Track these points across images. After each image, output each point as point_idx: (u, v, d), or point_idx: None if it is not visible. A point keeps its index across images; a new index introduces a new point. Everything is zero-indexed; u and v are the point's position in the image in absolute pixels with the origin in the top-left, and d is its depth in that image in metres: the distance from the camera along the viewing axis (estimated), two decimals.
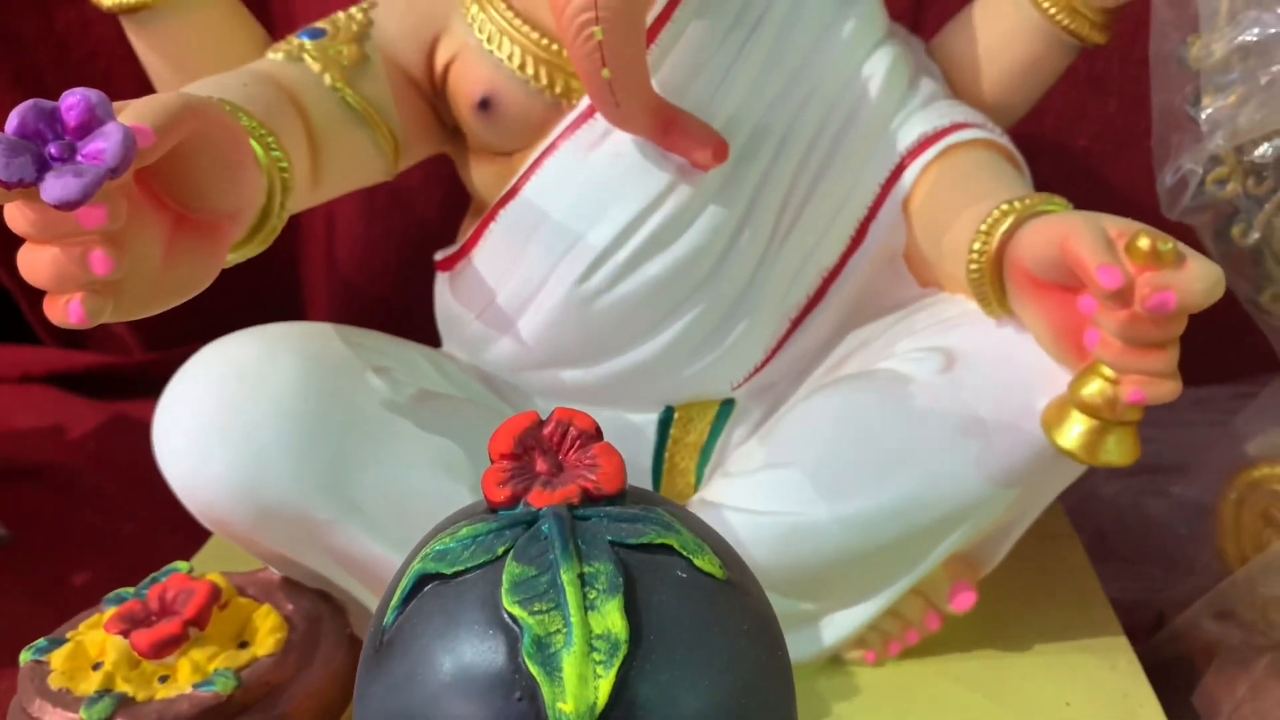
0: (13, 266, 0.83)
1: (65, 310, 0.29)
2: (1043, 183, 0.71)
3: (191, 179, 0.32)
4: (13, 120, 0.27)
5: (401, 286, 0.77)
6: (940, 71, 0.50)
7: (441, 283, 0.49)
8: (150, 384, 0.78)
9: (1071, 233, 0.35)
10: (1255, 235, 0.47)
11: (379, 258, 0.77)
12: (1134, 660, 0.46)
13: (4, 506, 0.66)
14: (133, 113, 0.29)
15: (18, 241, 0.81)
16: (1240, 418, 0.57)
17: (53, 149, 0.27)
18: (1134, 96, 0.67)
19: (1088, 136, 0.69)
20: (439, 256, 0.49)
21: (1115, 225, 0.36)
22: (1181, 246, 0.35)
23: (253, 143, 0.35)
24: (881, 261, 0.47)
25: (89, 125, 0.27)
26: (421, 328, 0.53)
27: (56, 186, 0.26)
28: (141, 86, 0.53)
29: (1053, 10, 0.47)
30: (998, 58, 0.48)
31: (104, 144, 0.27)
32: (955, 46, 0.50)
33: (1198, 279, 0.34)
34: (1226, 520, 0.52)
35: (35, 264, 0.29)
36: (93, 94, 0.28)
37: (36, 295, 0.87)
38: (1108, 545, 0.62)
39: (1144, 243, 0.35)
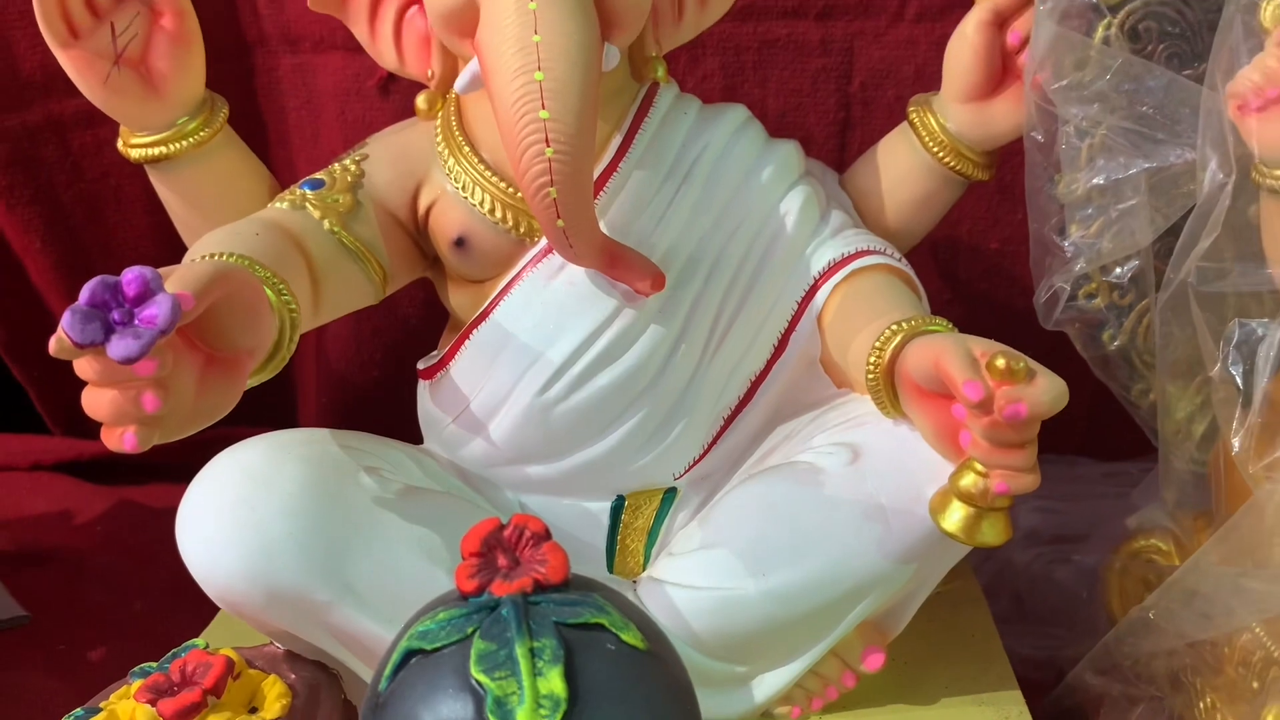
0: (25, 361, 0.89)
1: (120, 439, 0.36)
2: (962, 280, 0.80)
3: (219, 326, 0.39)
4: (84, 293, 0.35)
5: (386, 378, 0.84)
6: (851, 202, 0.58)
7: (423, 389, 0.56)
8: (154, 470, 0.85)
9: (944, 353, 0.43)
10: (1121, 340, 0.55)
11: (365, 352, 0.84)
12: (1025, 712, 0.52)
13: (21, 589, 0.71)
14: (177, 281, 0.36)
15: (32, 338, 0.88)
16: (1135, 491, 0.64)
17: (115, 315, 0.34)
18: None
19: (1000, 240, 0.77)
20: (421, 366, 0.56)
21: (979, 346, 0.43)
22: (1032, 364, 0.42)
23: (267, 290, 0.43)
24: (801, 366, 0.54)
25: (144, 295, 0.35)
26: (403, 415, 0.59)
27: (120, 347, 0.34)
28: (147, 196, 0.59)
29: (941, 154, 0.55)
30: (898, 192, 0.57)
31: (156, 311, 0.34)
32: (863, 181, 0.58)
33: (1044, 392, 0.41)
34: (1113, 586, 0.59)
35: (97, 403, 0.36)
36: (148, 271, 0.35)
37: (48, 388, 0.93)
38: (1022, 608, 0.70)
39: (1000, 362, 0.42)
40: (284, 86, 0.80)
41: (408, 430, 0.59)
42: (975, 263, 0.78)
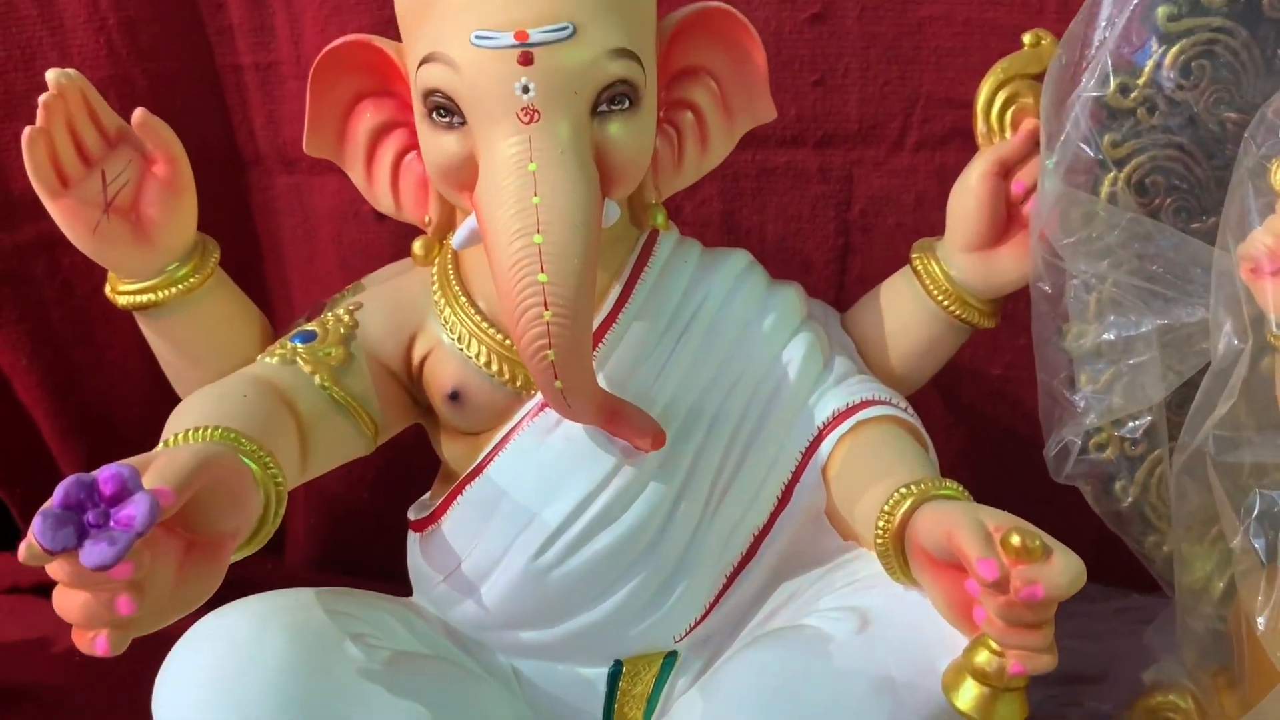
0: (6, 478, 0.86)
1: (92, 644, 0.34)
2: (965, 405, 0.79)
3: (201, 512, 0.37)
4: (58, 494, 0.33)
5: (376, 500, 0.82)
6: (854, 345, 0.57)
7: (413, 542, 0.54)
8: None
9: (957, 526, 0.41)
10: (1134, 493, 0.54)
11: (355, 473, 0.82)
12: None
13: None
14: (156, 475, 0.34)
15: (15, 457, 0.86)
16: (1149, 630, 0.62)
17: (90, 517, 0.33)
18: None
19: (1002, 366, 0.76)
20: (412, 516, 0.54)
21: (993, 520, 0.42)
22: (1048, 540, 0.41)
23: (253, 465, 0.41)
24: (806, 519, 0.53)
25: (121, 494, 0.33)
26: (392, 542, 0.57)
27: (94, 554, 0.32)
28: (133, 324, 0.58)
29: (945, 302, 0.54)
30: (902, 338, 0.56)
31: (134, 511, 0.33)
32: (866, 325, 0.57)
33: (1062, 573, 0.40)
34: None
35: (68, 606, 0.34)
36: (125, 469, 0.33)
37: (29, 507, 0.90)
38: None
39: (1016, 539, 0.40)
40: (280, 206, 0.79)
41: (396, 559, 0.57)
42: (978, 388, 0.77)
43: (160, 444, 0.42)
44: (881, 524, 0.46)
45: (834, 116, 0.72)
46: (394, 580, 0.60)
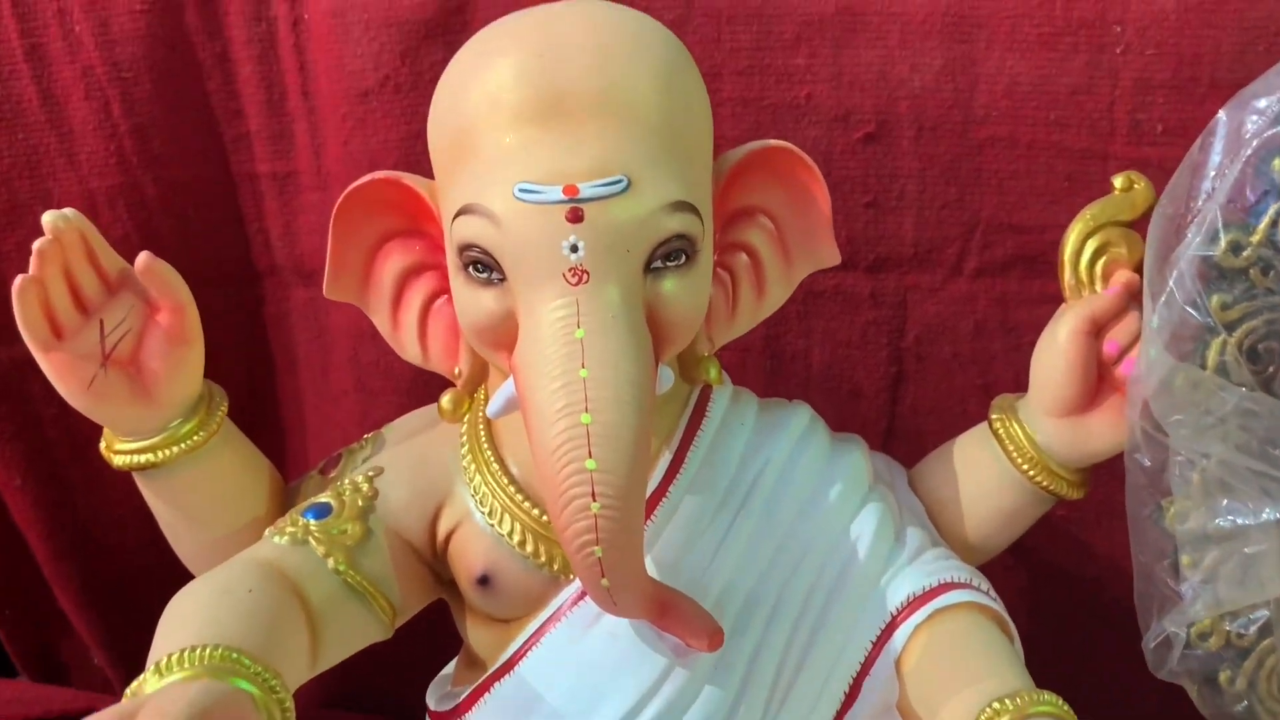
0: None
1: None
2: (1028, 549, 0.73)
3: None
4: None
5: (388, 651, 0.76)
6: (923, 507, 0.51)
7: None
8: None
9: None
10: (1240, 684, 0.48)
11: None
12: None
13: None
14: None
15: (7, 577, 0.80)
16: None
17: None
18: (1109, 469, 0.70)
19: (1067, 507, 0.70)
20: (433, 704, 0.49)
21: None
22: None
23: (255, 689, 0.35)
24: (876, 716, 0.47)
25: None
26: (405, 674, 0.53)
27: None
28: None
29: (1030, 470, 0.49)
30: (979, 505, 0.50)
31: None
32: (939, 488, 0.52)
33: None
34: None
35: None
36: None
37: (19, 630, 0.85)
38: None
39: None
40: (294, 319, 0.75)
41: (407, 696, 0.53)
42: (1040, 530, 0.71)
43: (151, 658, 0.37)
44: None
45: (887, 239, 0.67)
46: (405, 718, 0.55)
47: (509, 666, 0.45)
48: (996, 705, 0.40)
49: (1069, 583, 0.72)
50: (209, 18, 0.67)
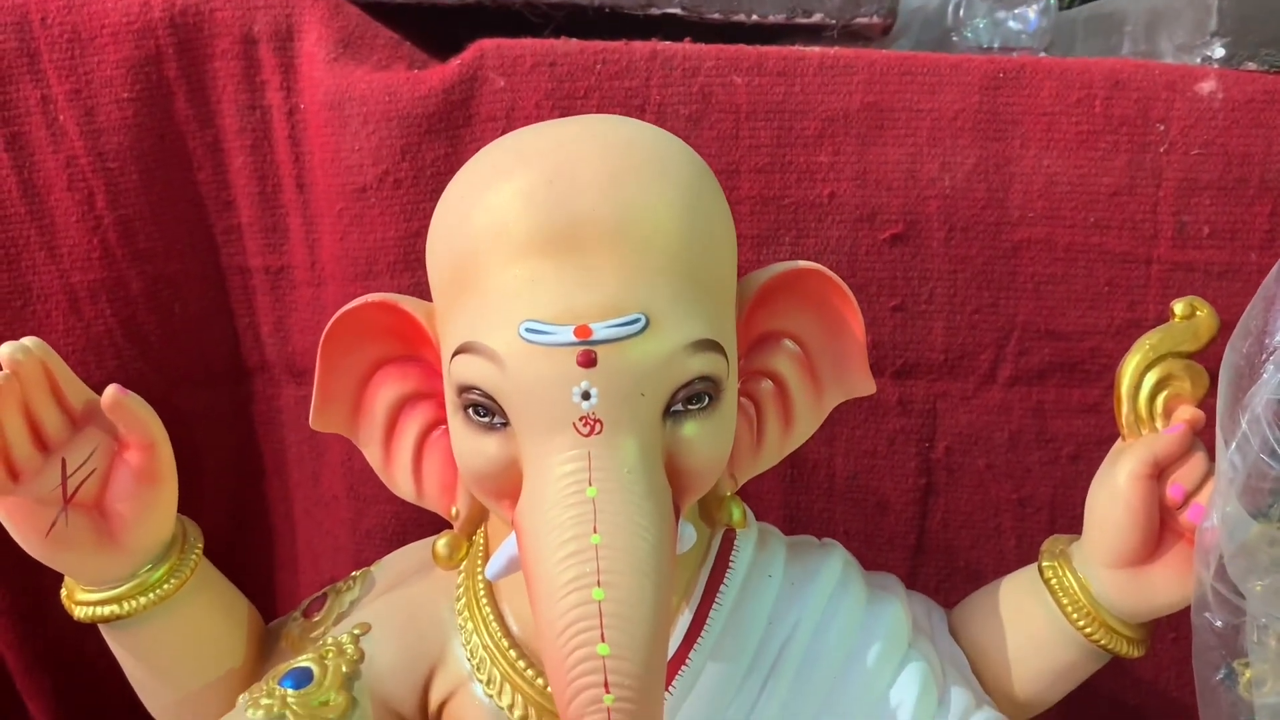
0: (7, 637, 0.76)
1: None
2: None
3: None
4: None
5: None
6: (964, 655, 0.47)
7: None
8: None
9: None
10: None
11: None
12: None
13: None
14: None
15: (15, 613, 0.74)
16: None
17: None
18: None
19: None
20: None
21: None
22: None
23: None
24: None
25: None
26: None
27: None
28: None
29: (1085, 626, 0.44)
30: (1028, 660, 0.46)
31: None
32: (982, 638, 0.47)
33: None
34: None
35: None
36: None
37: (31, 663, 0.79)
38: None
39: None
40: (284, 419, 0.71)
41: None
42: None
43: None
44: None
45: (916, 345, 0.63)
46: None
47: None
48: None
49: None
50: (200, 106, 0.64)
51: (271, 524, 0.74)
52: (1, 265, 0.66)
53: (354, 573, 0.49)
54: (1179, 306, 0.46)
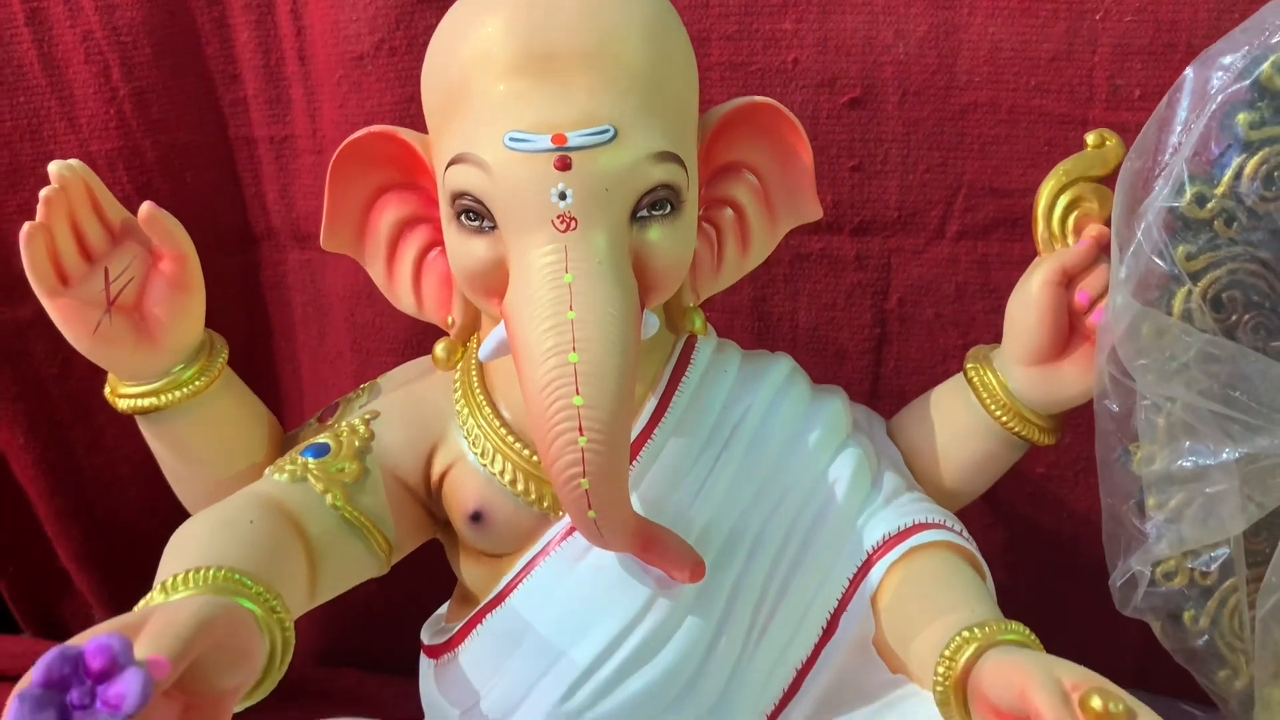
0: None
1: None
2: (1006, 505, 0.75)
3: (201, 672, 0.33)
4: (38, 670, 0.29)
5: (385, 589, 0.78)
6: (900, 455, 0.53)
7: (427, 668, 0.50)
8: None
9: (1030, 684, 0.37)
10: (1204, 623, 0.50)
11: None
12: None
13: None
14: (150, 642, 0.31)
15: (8, 534, 0.80)
16: None
17: (74, 696, 0.29)
18: (1086, 428, 0.72)
19: (1045, 465, 0.72)
20: (427, 639, 0.50)
21: (1070, 676, 0.38)
22: (1130, 701, 0.37)
23: (257, 609, 0.37)
24: (853, 650, 0.49)
25: (110, 670, 0.29)
26: (401, 626, 0.54)
27: None
28: None
29: (1003, 417, 0.51)
30: (954, 452, 0.52)
31: (124, 690, 0.29)
32: (915, 437, 0.53)
33: None
34: None
35: None
36: (115, 640, 0.30)
37: (22, 587, 0.86)
38: None
39: (1097, 702, 0.36)
40: (290, 282, 0.76)
41: (404, 650, 0.53)
42: (1018, 488, 0.73)
43: (156, 584, 0.38)
44: (942, 670, 0.42)
45: (872, 203, 0.69)
46: (402, 673, 0.56)
47: (500, 599, 0.47)
48: (965, 634, 0.42)
49: (1046, 539, 0.74)
50: None
51: (280, 382, 0.80)
52: (25, 135, 0.71)
53: (362, 385, 0.55)
54: (1091, 138, 0.51)
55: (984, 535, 0.74)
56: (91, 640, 0.30)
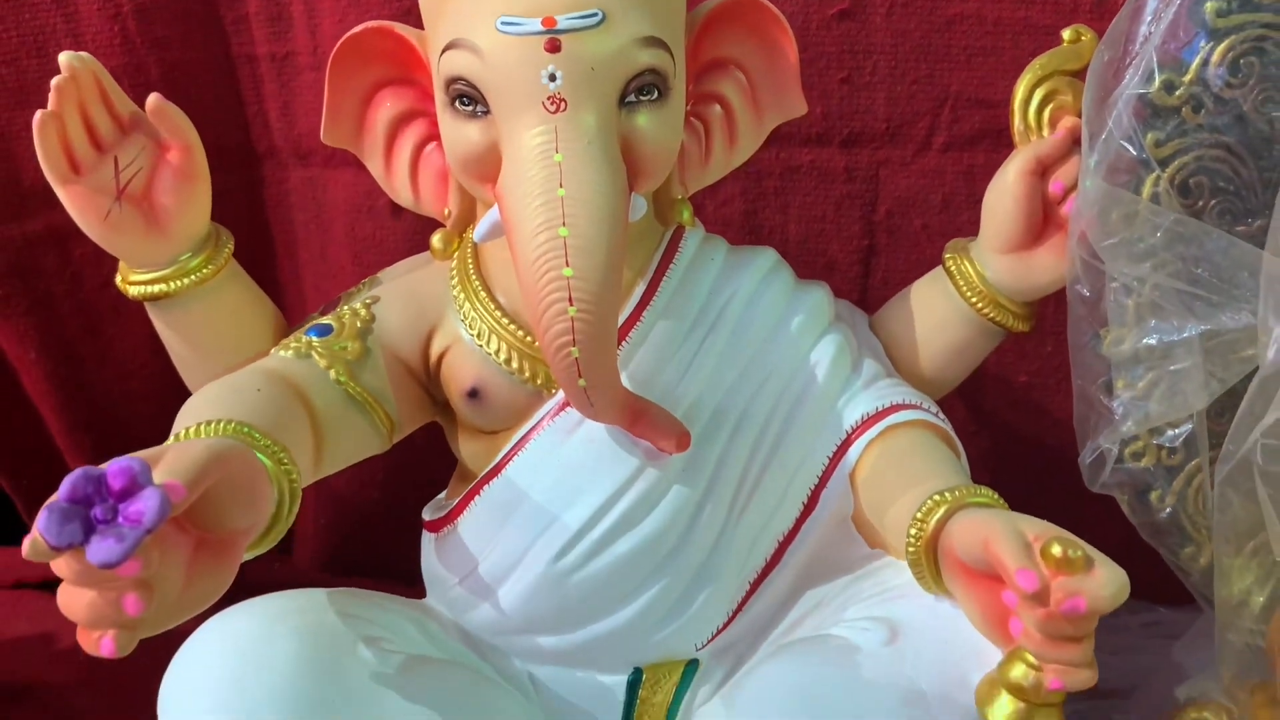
0: (13, 470, 0.85)
1: (98, 644, 0.32)
2: (988, 412, 0.77)
3: (213, 508, 0.36)
4: (64, 488, 0.32)
5: (388, 499, 0.81)
6: (882, 346, 0.55)
7: (428, 542, 0.53)
8: None
9: (994, 535, 0.40)
10: (1170, 502, 0.52)
11: (366, 471, 0.81)
12: None
13: None
14: (166, 469, 0.33)
15: (22, 448, 0.83)
16: (1176, 646, 0.60)
17: (98, 511, 0.31)
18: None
19: (1028, 373, 0.74)
20: (427, 516, 0.53)
21: (1032, 529, 0.40)
22: (1090, 551, 0.39)
23: (266, 460, 0.40)
24: (833, 525, 0.51)
25: (130, 489, 0.32)
26: (404, 541, 0.56)
27: (101, 550, 0.30)
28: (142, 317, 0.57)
29: (978, 304, 0.53)
30: (932, 340, 0.54)
31: (143, 507, 0.31)
32: (895, 327, 0.55)
33: (1104, 585, 0.38)
34: None
35: (73, 605, 0.33)
36: (135, 463, 0.32)
37: (36, 500, 0.89)
38: None
39: (1056, 549, 0.39)
40: (293, 199, 0.78)
41: (408, 558, 0.55)
42: (1002, 395, 0.75)
43: (171, 438, 0.41)
44: (914, 532, 0.44)
45: (861, 115, 0.70)
46: (406, 581, 0.59)
47: (497, 470, 0.49)
48: (936, 498, 0.44)
49: (1029, 445, 0.76)
50: None
51: (284, 299, 0.81)
52: (31, 52, 0.72)
53: (362, 280, 0.57)
54: (1067, 33, 0.53)
55: (969, 442, 0.75)
56: (113, 463, 0.32)
